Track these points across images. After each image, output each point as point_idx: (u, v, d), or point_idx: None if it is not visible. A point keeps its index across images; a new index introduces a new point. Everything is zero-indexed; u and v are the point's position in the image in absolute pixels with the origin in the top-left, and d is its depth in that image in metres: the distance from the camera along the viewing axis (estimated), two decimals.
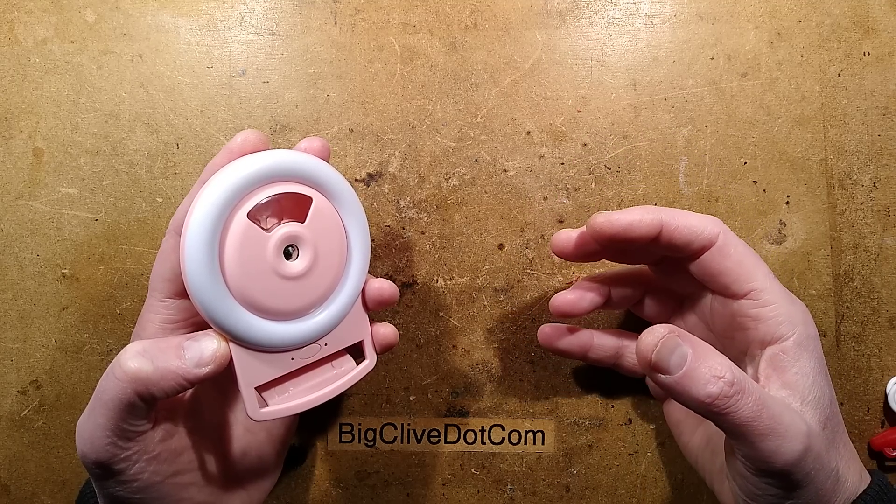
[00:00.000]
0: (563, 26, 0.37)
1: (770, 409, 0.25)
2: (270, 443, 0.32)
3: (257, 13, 0.37)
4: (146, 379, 0.24)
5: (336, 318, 0.28)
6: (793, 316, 0.28)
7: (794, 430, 0.25)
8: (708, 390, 0.24)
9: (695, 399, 0.25)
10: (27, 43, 0.37)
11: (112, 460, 0.25)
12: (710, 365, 0.25)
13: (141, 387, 0.24)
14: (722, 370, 0.24)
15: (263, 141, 0.27)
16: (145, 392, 0.24)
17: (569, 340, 0.33)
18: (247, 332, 0.26)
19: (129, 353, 0.25)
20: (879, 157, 0.36)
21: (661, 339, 0.25)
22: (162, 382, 0.25)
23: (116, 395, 0.24)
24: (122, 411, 0.25)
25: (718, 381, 0.24)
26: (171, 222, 0.28)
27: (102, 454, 0.25)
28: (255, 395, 0.27)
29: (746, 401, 0.24)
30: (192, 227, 0.25)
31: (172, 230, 0.28)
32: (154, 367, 0.25)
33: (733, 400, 0.24)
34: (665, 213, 0.28)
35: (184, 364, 0.25)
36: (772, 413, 0.25)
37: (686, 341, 0.25)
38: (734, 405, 0.24)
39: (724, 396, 0.24)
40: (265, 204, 0.26)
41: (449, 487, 0.37)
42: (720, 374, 0.24)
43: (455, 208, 0.37)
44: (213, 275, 0.25)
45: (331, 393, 0.29)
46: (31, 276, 0.37)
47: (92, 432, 0.25)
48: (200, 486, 0.29)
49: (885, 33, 0.36)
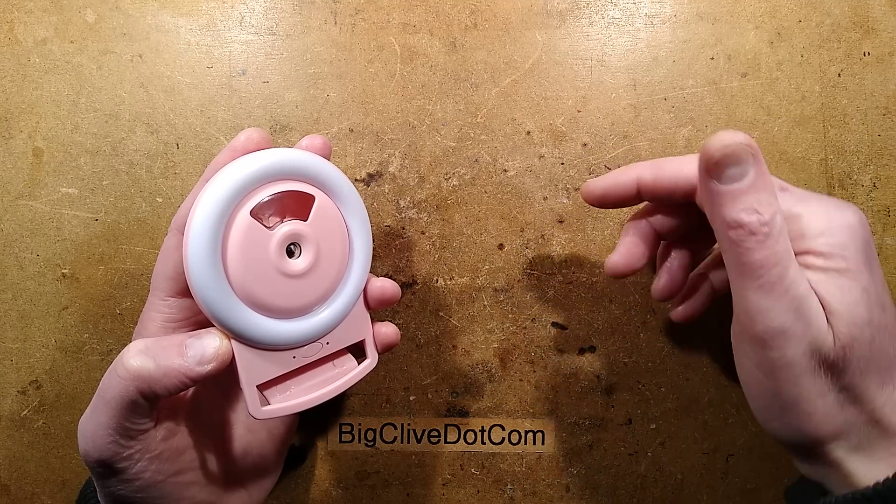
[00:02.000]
0: (563, 26, 0.37)
1: (787, 273, 0.23)
2: (271, 442, 0.32)
3: (257, 13, 0.37)
4: (149, 377, 0.24)
5: (338, 317, 0.28)
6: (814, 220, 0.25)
7: (800, 306, 0.23)
8: (739, 217, 0.23)
9: (721, 217, 0.24)
10: (27, 43, 0.37)
11: (114, 459, 0.25)
12: (758, 197, 0.23)
13: (143, 385, 0.24)
14: (765, 209, 0.23)
15: (266, 139, 0.27)
16: (148, 390, 0.25)
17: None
18: (249, 330, 0.26)
19: (132, 352, 0.25)
20: (879, 157, 0.36)
21: (735, 145, 0.23)
22: (164, 380, 0.25)
23: (119, 393, 0.24)
24: (124, 409, 0.25)
25: (754, 214, 0.23)
26: (174, 221, 0.28)
27: (105, 452, 0.25)
28: (256, 393, 0.27)
29: (766, 248, 0.23)
30: (196, 224, 0.25)
31: (175, 229, 0.28)
32: (156, 365, 0.25)
33: (754, 241, 0.23)
34: (642, 169, 0.28)
35: (186, 362, 0.25)
36: (785, 277, 0.23)
37: (756, 163, 0.23)
38: (753, 245, 0.23)
39: (749, 232, 0.23)
40: (268, 202, 0.26)
41: (449, 487, 0.37)
42: (761, 211, 0.23)
43: (455, 208, 0.37)
44: (215, 272, 0.25)
45: (332, 392, 0.29)
46: (31, 276, 0.37)
47: (94, 431, 0.25)
48: (202, 486, 0.29)
49: (885, 33, 0.36)
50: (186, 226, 0.25)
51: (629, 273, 0.30)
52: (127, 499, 0.26)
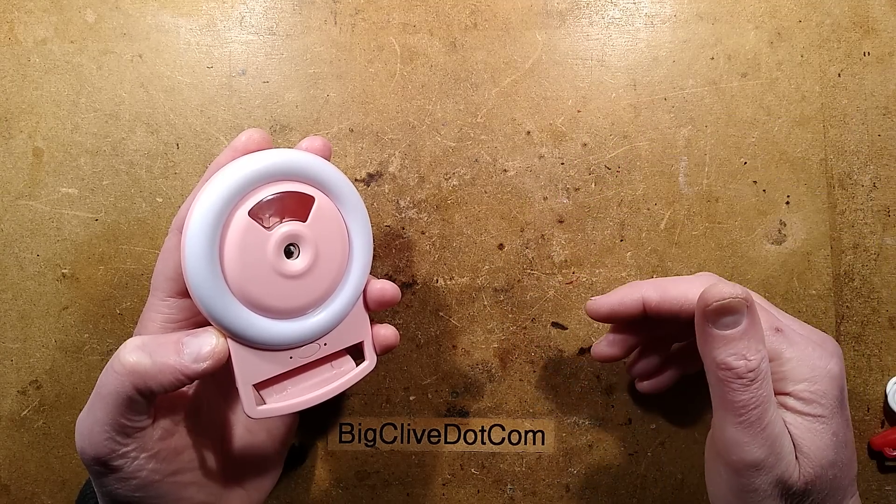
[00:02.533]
0: (563, 26, 0.37)
1: (766, 415, 0.25)
2: (271, 442, 0.32)
3: (257, 13, 0.37)
4: (144, 373, 0.24)
5: (336, 318, 0.28)
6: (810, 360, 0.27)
7: (773, 444, 0.25)
8: (727, 360, 0.25)
9: (711, 357, 0.26)
10: (27, 43, 0.37)
11: (110, 456, 0.25)
12: (748, 344, 0.25)
13: (139, 380, 0.24)
14: (753, 356, 0.25)
15: (267, 140, 0.27)
16: (143, 386, 0.25)
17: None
18: (245, 330, 0.26)
19: (129, 348, 0.25)
20: (879, 157, 0.36)
21: (731, 299, 0.25)
22: (160, 377, 0.25)
23: (115, 388, 0.24)
24: (120, 406, 0.25)
25: (742, 360, 0.25)
26: (174, 221, 0.28)
27: (101, 450, 0.25)
28: (252, 392, 0.27)
29: (749, 391, 0.25)
30: (193, 223, 0.25)
31: (175, 229, 0.28)
32: (152, 361, 0.25)
33: (739, 384, 0.25)
34: (647, 289, 0.29)
35: (182, 359, 0.25)
36: (764, 417, 0.25)
37: (749, 314, 0.26)
38: (738, 387, 0.25)
39: (736, 376, 0.25)
40: (267, 202, 0.26)
41: (449, 487, 0.37)
42: (749, 358, 0.25)
43: (455, 208, 0.37)
44: (212, 271, 0.25)
45: (329, 393, 0.29)
46: (31, 276, 0.37)
47: (91, 427, 0.25)
48: (200, 486, 0.29)
49: (885, 33, 0.36)
50: (184, 225, 0.25)
51: (614, 361, 0.34)
52: (124, 498, 0.26)
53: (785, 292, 0.36)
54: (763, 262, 0.36)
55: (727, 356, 0.25)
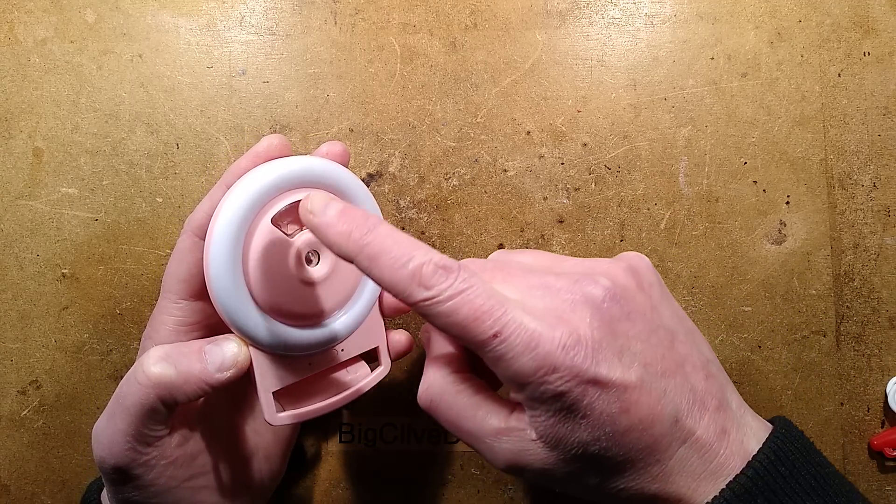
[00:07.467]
0: (563, 26, 0.37)
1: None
2: (277, 444, 0.33)
3: (257, 13, 0.37)
4: (169, 384, 0.25)
5: (354, 324, 0.29)
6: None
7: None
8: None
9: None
10: (27, 43, 0.37)
11: (131, 465, 0.25)
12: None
13: (164, 392, 0.24)
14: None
15: (287, 146, 0.27)
16: (168, 397, 0.25)
17: None
18: (267, 337, 0.26)
19: (153, 359, 0.25)
20: (879, 157, 0.36)
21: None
22: (185, 387, 0.25)
23: (139, 399, 0.24)
24: (143, 416, 0.25)
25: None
26: (188, 223, 0.28)
27: (122, 459, 0.25)
28: (272, 400, 0.27)
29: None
30: (218, 231, 0.25)
31: (189, 230, 0.27)
32: (177, 372, 0.25)
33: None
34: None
35: (206, 368, 0.25)
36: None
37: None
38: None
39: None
40: (288, 209, 0.26)
41: (449, 487, 0.37)
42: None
43: (455, 208, 0.37)
44: (236, 279, 0.25)
45: (346, 398, 0.29)
46: (31, 276, 0.37)
47: (111, 437, 0.25)
48: (212, 489, 0.29)
49: (885, 33, 0.36)
50: (208, 232, 0.25)
51: None
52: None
53: (785, 292, 0.36)
54: (763, 262, 0.36)
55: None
